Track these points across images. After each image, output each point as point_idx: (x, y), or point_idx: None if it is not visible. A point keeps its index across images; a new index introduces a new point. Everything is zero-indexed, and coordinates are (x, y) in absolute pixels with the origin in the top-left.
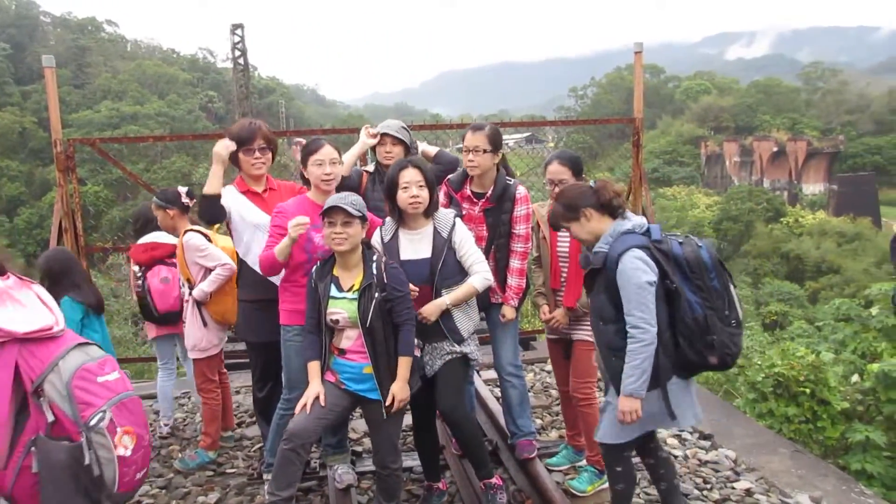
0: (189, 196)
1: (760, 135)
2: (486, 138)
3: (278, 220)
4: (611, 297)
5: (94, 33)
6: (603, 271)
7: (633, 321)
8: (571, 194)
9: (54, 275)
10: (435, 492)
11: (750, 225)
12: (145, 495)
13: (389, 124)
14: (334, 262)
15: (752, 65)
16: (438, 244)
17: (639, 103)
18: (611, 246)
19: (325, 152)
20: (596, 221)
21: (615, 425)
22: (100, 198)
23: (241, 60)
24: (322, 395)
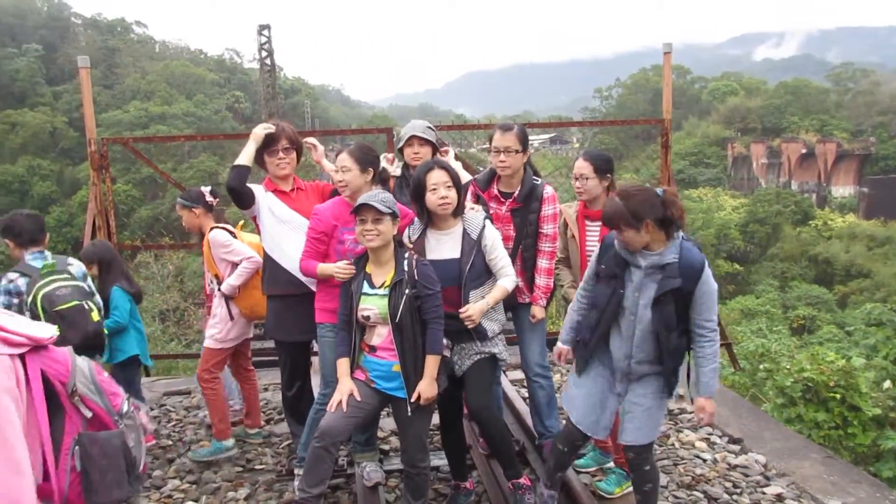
0: (212, 195)
1: (789, 136)
2: (516, 138)
3: (315, 223)
4: (679, 306)
5: (124, 34)
6: (671, 281)
7: (712, 325)
8: (640, 200)
9: (106, 263)
10: (462, 491)
11: (777, 227)
12: (176, 490)
13: (415, 125)
14: (367, 260)
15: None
16: (467, 245)
17: (668, 104)
18: (681, 256)
19: (340, 159)
20: (652, 235)
21: (646, 426)
22: (129, 196)
23: (267, 61)
24: (356, 391)
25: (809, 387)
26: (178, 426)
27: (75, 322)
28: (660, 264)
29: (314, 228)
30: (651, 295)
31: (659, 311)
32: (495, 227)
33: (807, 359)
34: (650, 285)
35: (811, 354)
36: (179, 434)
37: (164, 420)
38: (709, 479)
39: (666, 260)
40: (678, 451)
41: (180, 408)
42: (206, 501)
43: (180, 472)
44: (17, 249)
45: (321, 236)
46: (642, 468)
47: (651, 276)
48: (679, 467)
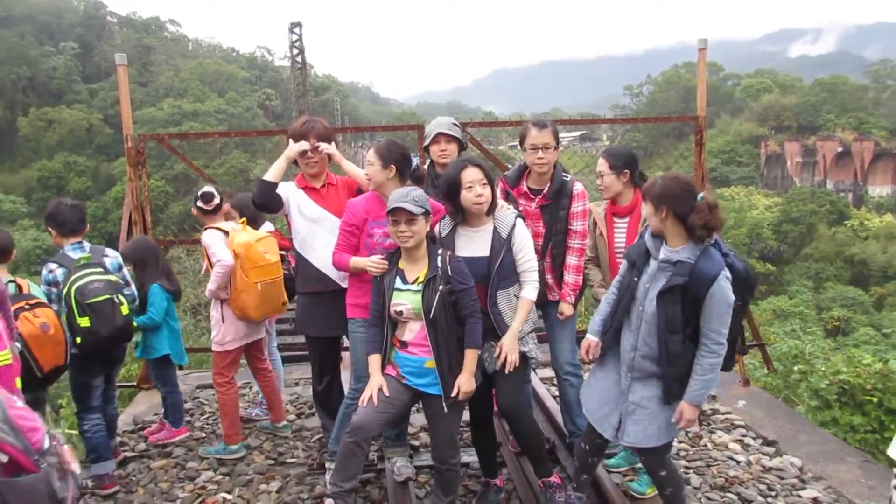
0: (204, 199)
1: (824, 134)
2: (553, 135)
3: (348, 216)
4: (686, 310)
5: (158, 32)
6: (684, 284)
7: (717, 338)
8: (669, 186)
9: (145, 262)
10: (492, 488)
11: (812, 227)
12: (209, 481)
13: (441, 122)
14: (400, 255)
15: (816, 62)
16: (497, 244)
17: (702, 100)
18: (698, 260)
19: (367, 154)
20: (669, 227)
21: (648, 429)
22: (162, 192)
23: (298, 58)
24: (385, 386)
25: (845, 389)
26: (210, 419)
27: (105, 315)
28: (672, 260)
29: (347, 221)
30: (658, 288)
31: (663, 306)
32: (525, 225)
33: (842, 361)
34: (661, 278)
35: (847, 356)
36: (212, 426)
37: (196, 413)
38: (743, 481)
39: (679, 257)
40: (711, 453)
41: (213, 400)
42: (239, 493)
43: (213, 464)
44: (58, 238)
45: (353, 229)
46: (657, 473)
47: (663, 270)
48: (712, 469)
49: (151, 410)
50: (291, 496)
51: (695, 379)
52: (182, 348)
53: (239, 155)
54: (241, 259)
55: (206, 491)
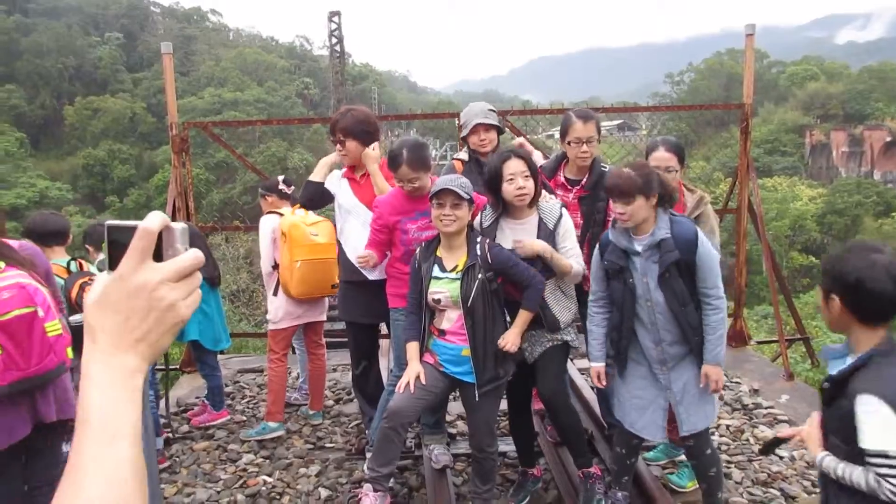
0: (286, 184)
1: (872, 123)
2: (597, 127)
3: (377, 215)
4: (686, 279)
5: (199, 22)
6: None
7: (716, 292)
8: (649, 173)
9: None
10: (529, 477)
11: (857, 219)
12: (250, 464)
13: (476, 111)
14: (438, 243)
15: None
16: (544, 235)
17: (749, 88)
18: (672, 230)
19: (402, 173)
20: (648, 211)
21: (701, 411)
22: (201, 180)
23: (337, 47)
24: (422, 373)
25: None
26: (251, 402)
27: None
28: (654, 243)
29: (376, 221)
30: (656, 274)
31: (668, 288)
32: None
33: None
34: (652, 266)
35: None
36: (253, 410)
37: (238, 396)
38: (786, 476)
39: (659, 237)
40: (753, 448)
41: (253, 385)
42: (279, 476)
43: (254, 447)
44: (95, 254)
45: (383, 229)
46: (704, 452)
47: (650, 258)
48: (754, 463)
49: (194, 393)
50: (330, 480)
51: (707, 340)
52: (218, 333)
53: (278, 143)
54: (287, 238)
55: (248, 473)
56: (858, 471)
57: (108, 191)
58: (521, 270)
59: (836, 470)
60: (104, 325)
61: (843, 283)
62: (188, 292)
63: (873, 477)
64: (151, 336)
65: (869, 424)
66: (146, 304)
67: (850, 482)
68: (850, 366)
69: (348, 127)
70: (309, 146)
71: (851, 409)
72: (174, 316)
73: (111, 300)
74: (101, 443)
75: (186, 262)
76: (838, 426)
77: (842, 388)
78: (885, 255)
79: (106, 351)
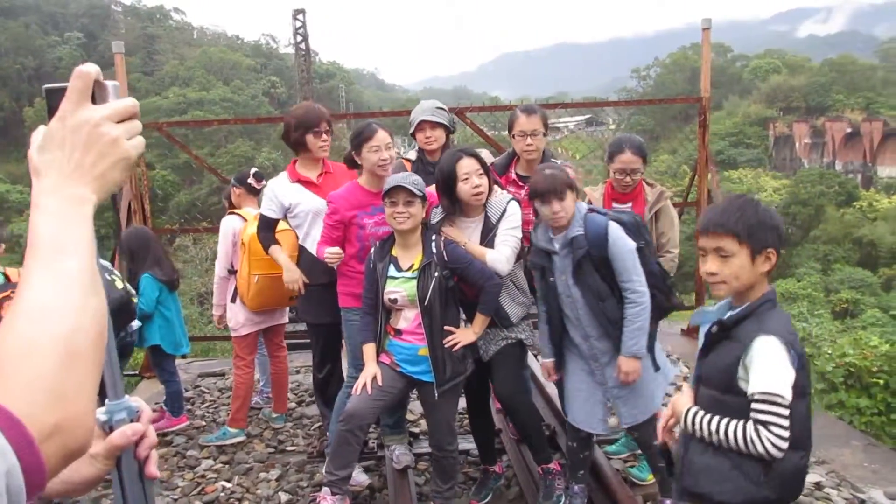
0: (257, 178)
1: (833, 115)
2: (541, 120)
3: (331, 210)
4: (604, 275)
5: (163, 21)
6: (586, 253)
7: (634, 286)
8: (566, 172)
9: (134, 252)
10: (491, 475)
11: (820, 209)
12: (209, 469)
13: (424, 108)
14: (393, 243)
15: (825, 42)
16: (486, 231)
17: (706, 82)
18: (585, 227)
19: (380, 137)
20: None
21: (640, 403)
22: (167, 182)
23: (302, 45)
24: (379, 374)
25: (851, 372)
26: (211, 407)
27: None
28: (567, 241)
29: (330, 216)
30: (570, 271)
31: (584, 284)
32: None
33: (849, 343)
34: (567, 263)
35: (853, 339)
36: (213, 415)
37: (198, 401)
38: None
39: (572, 234)
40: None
41: (214, 389)
42: (238, 481)
43: (213, 452)
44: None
45: (337, 224)
46: (651, 445)
47: (565, 256)
48: None
49: (153, 399)
50: (291, 484)
51: (624, 332)
52: (179, 338)
53: (243, 143)
54: (246, 249)
55: (206, 479)
56: (734, 423)
57: None
58: (475, 271)
59: (708, 424)
60: (50, 161)
61: (780, 235)
62: (130, 133)
63: (752, 427)
64: (97, 168)
65: (764, 366)
66: (88, 137)
67: (723, 436)
68: (744, 310)
69: (330, 119)
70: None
71: (739, 353)
72: (119, 151)
73: (55, 139)
74: (48, 259)
75: (125, 103)
76: (717, 374)
77: (729, 332)
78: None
79: (54, 183)
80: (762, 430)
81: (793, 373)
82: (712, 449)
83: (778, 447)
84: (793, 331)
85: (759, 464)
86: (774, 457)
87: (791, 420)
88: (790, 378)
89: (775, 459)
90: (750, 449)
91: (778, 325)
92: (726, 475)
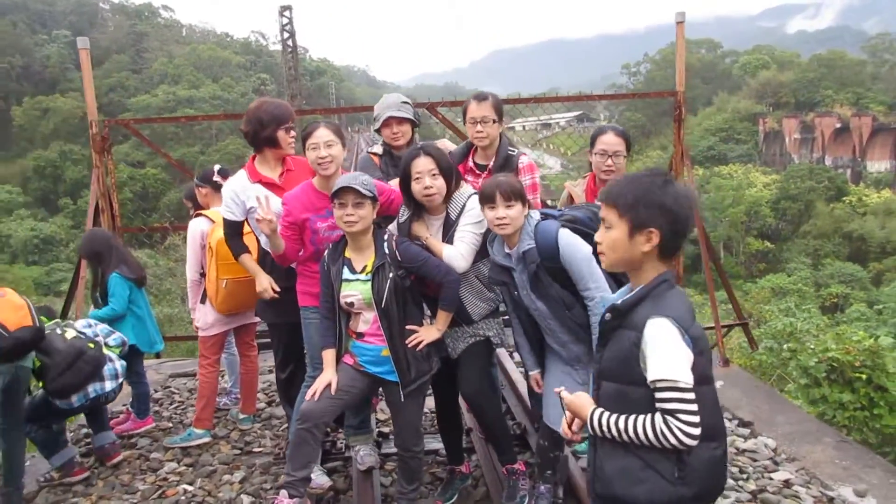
0: (221, 174)
1: (822, 111)
2: (492, 108)
3: (285, 212)
4: (565, 284)
5: (151, 19)
6: (541, 266)
7: (591, 293)
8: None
9: (98, 254)
10: (457, 475)
11: (810, 204)
12: (172, 472)
13: (389, 104)
14: (346, 244)
15: (814, 38)
16: (447, 228)
17: (681, 76)
18: (535, 237)
19: (319, 135)
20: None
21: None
22: (158, 180)
23: (289, 42)
24: (334, 383)
25: (834, 367)
26: (179, 408)
27: None
28: (520, 255)
29: (284, 218)
30: (529, 286)
31: (545, 296)
32: None
33: (832, 338)
34: (525, 278)
35: (837, 334)
36: (180, 416)
37: (166, 402)
38: None
39: (523, 248)
40: None
41: (184, 389)
42: (201, 484)
43: (177, 454)
44: None
45: (292, 226)
46: None
47: (521, 271)
48: None
49: (121, 401)
50: (254, 486)
51: (593, 339)
52: (152, 336)
53: (234, 140)
54: (214, 253)
55: (168, 482)
56: (641, 419)
57: (61, 193)
58: (431, 267)
59: (615, 424)
60: None
61: (666, 215)
62: None
63: (660, 419)
64: None
65: (659, 350)
66: None
67: (632, 434)
68: (637, 293)
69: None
70: None
71: (636, 340)
72: None
73: None
74: None
75: None
76: (617, 366)
77: (624, 318)
78: (680, 184)
79: None
80: (671, 420)
81: (690, 354)
82: (622, 450)
83: (690, 434)
84: (689, 312)
85: (671, 460)
86: (689, 445)
87: (700, 407)
88: (687, 360)
89: (690, 449)
90: (662, 442)
91: (671, 306)
92: (639, 476)
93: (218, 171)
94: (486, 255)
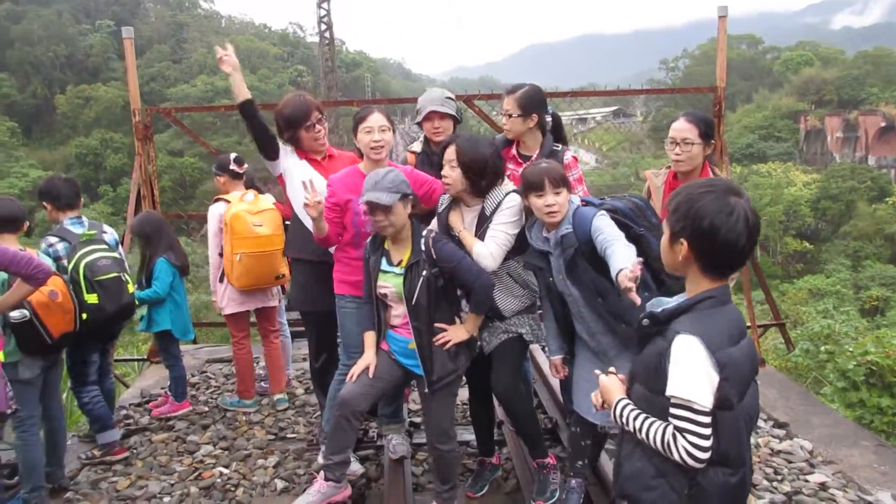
0: (237, 163)
1: (867, 109)
2: (515, 102)
3: (329, 193)
4: (600, 269)
5: (191, 10)
6: (578, 251)
7: (605, 237)
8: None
9: (148, 237)
10: (488, 466)
11: (851, 204)
12: (208, 455)
13: (433, 98)
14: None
15: (860, 34)
16: (481, 221)
17: (721, 71)
18: (574, 224)
19: (374, 119)
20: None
21: None
22: (195, 169)
23: (326, 34)
24: (372, 365)
25: (873, 370)
26: (216, 393)
27: (113, 293)
28: (558, 239)
29: (328, 199)
30: (565, 271)
31: (580, 281)
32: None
33: (871, 341)
34: (561, 263)
35: (877, 337)
36: (216, 401)
37: (202, 386)
38: None
39: (561, 232)
40: None
41: (220, 375)
42: (236, 468)
43: (213, 438)
44: (54, 212)
45: (335, 208)
46: None
47: (559, 255)
48: None
49: (159, 384)
50: (288, 471)
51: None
52: (187, 323)
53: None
54: (228, 229)
55: (204, 465)
56: (657, 424)
57: (102, 180)
58: (464, 270)
59: (633, 420)
60: None
61: (695, 227)
62: None
63: (671, 431)
64: None
65: (681, 368)
66: None
67: (645, 435)
68: (677, 306)
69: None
70: None
71: (663, 351)
72: None
73: None
74: None
75: None
76: (646, 371)
77: (662, 327)
78: (744, 201)
79: None
80: (678, 437)
81: (714, 377)
82: (640, 453)
83: (695, 456)
84: (726, 334)
85: (684, 475)
86: (691, 466)
87: (715, 432)
88: (709, 383)
89: (696, 470)
90: (668, 454)
91: (706, 325)
92: (649, 483)
93: (234, 159)
94: (519, 253)
